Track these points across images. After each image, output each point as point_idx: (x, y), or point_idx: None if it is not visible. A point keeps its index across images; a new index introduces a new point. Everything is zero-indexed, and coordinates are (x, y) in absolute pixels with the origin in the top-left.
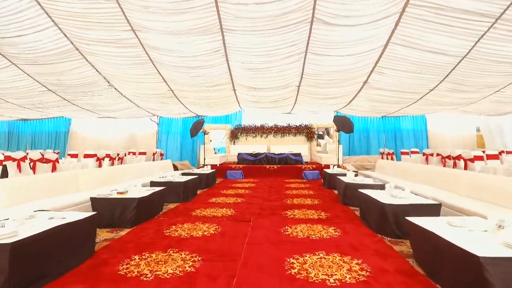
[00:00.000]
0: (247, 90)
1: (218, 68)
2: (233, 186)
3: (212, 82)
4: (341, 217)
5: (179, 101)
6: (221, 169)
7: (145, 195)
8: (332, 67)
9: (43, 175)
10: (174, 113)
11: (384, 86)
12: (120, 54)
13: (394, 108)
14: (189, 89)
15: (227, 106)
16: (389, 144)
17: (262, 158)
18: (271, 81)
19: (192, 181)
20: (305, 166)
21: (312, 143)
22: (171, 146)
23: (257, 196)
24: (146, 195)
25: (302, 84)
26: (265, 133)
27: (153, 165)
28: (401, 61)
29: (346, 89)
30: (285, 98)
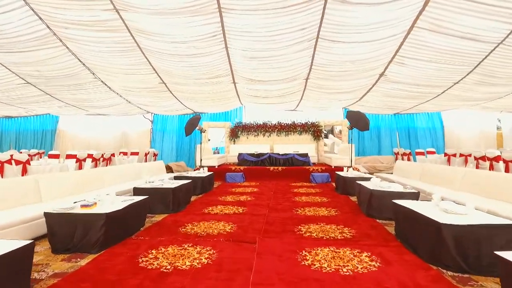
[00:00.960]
0: (249, 83)
1: (216, 57)
2: (233, 191)
3: (209, 73)
4: (372, 235)
5: (173, 96)
6: (219, 171)
7: (117, 208)
8: (346, 56)
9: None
10: (168, 109)
11: (402, 78)
12: (102, 40)
13: (410, 104)
14: (183, 82)
15: (227, 102)
16: (402, 144)
17: (265, 159)
18: (276, 72)
19: (185, 187)
20: (313, 168)
21: (319, 143)
22: (167, 146)
23: (261, 205)
24: (118, 208)
25: (311, 77)
26: (267, 131)
27: (141, 168)
28: (425, 49)
29: (359, 83)
30: (291, 93)
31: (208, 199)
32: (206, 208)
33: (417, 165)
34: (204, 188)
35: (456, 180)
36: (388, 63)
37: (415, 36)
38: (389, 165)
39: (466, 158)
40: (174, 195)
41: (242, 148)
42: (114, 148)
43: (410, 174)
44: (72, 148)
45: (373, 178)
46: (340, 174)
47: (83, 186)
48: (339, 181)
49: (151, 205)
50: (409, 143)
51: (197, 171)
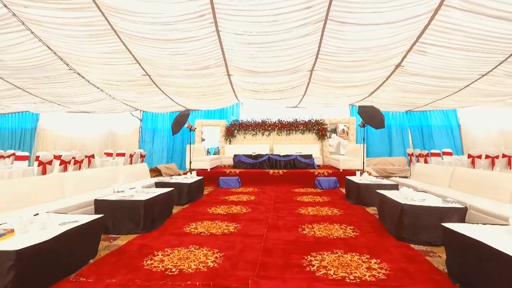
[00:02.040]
0: (245, 75)
1: (205, 43)
2: (225, 199)
3: (198, 63)
4: (411, 273)
5: (161, 90)
6: (212, 174)
7: (43, 239)
8: (359, 42)
9: None
10: (157, 106)
11: (422, 70)
12: (69, 21)
13: (425, 100)
14: (169, 73)
15: (221, 98)
16: (415, 144)
17: (264, 161)
18: (276, 62)
19: (163, 198)
20: (318, 172)
21: (324, 143)
22: (157, 146)
23: (259, 219)
24: (44, 239)
25: (317, 68)
26: (267, 130)
27: (117, 172)
28: (452, 33)
29: (372, 75)
30: (293, 87)
31: (194, 211)
32: (188, 225)
33: (445, 169)
34: (192, 196)
35: (508, 190)
36: (407, 51)
37: (442, 16)
38: (401, 167)
39: (493, 160)
40: (146, 209)
41: (239, 148)
42: (100, 148)
43: (435, 180)
44: (53, 148)
45: (403, 189)
46: (352, 179)
47: (26, 199)
48: (350, 188)
49: (116, 222)
50: (422, 143)
51: (184, 176)
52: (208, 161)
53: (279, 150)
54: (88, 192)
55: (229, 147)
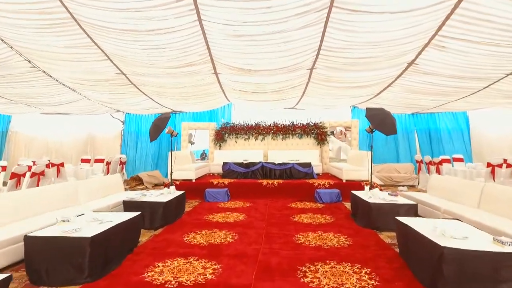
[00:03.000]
0: (234, 73)
1: (186, 35)
2: (209, 220)
3: (180, 59)
4: None
5: (140, 90)
6: (198, 185)
7: None
8: (369, 35)
9: None
10: (140, 108)
11: (438, 69)
12: (22, 9)
13: (437, 102)
14: (146, 71)
15: (210, 99)
16: (423, 149)
17: (257, 170)
18: (271, 59)
19: (122, 229)
20: (318, 183)
21: (324, 148)
22: (141, 151)
23: (246, 255)
24: None
25: (318, 66)
26: (261, 134)
27: (76, 188)
28: (479, 24)
29: (380, 74)
30: (291, 87)
31: (167, 241)
32: (151, 268)
33: (472, 184)
34: (168, 217)
35: None
36: (424, 46)
37: (469, 3)
38: (408, 175)
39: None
40: (95, 249)
41: (229, 154)
42: (78, 153)
43: (460, 197)
44: (27, 154)
45: (440, 223)
46: (359, 195)
47: None
48: (358, 206)
49: (51, 268)
50: (430, 147)
51: (160, 192)
52: (194, 170)
53: (274, 156)
54: (26, 220)
55: (219, 153)
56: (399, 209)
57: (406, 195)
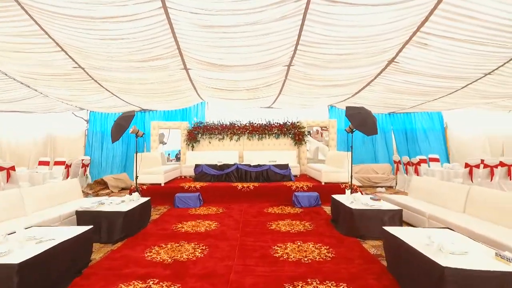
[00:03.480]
0: (206, 69)
1: (149, 24)
2: (178, 229)
3: (145, 52)
4: None
5: (102, 86)
6: (168, 190)
7: None
8: (351, 29)
9: None
10: (105, 105)
11: (419, 67)
12: None
13: (414, 101)
14: (107, 65)
15: (181, 96)
16: (400, 149)
17: (232, 173)
18: (246, 54)
19: (60, 252)
20: (296, 185)
21: (302, 148)
22: (108, 152)
23: (216, 274)
24: None
25: (296, 62)
26: (236, 134)
27: (22, 196)
28: (461, 21)
29: (360, 73)
30: (266, 85)
31: (125, 258)
32: None
33: (457, 187)
34: (130, 228)
35: None
36: (405, 44)
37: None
38: (385, 175)
39: (492, 170)
40: (24, 279)
41: (203, 156)
42: (37, 156)
43: (444, 200)
44: None
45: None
46: (340, 200)
47: None
48: (339, 211)
49: None
50: (407, 147)
51: (121, 199)
52: (162, 174)
53: (250, 157)
54: None
55: (192, 154)
56: (383, 216)
57: (387, 198)
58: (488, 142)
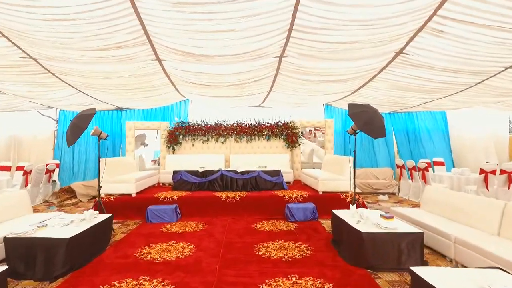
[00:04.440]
0: (183, 59)
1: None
2: (142, 257)
3: (104, 39)
4: None
5: (63, 81)
6: (140, 201)
7: None
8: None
9: None
10: (68, 103)
11: (431, 60)
12: None
13: (421, 99)
14: (61, 54)
15: (158, 93)
16: (401, 151)
17: (215, 180)
18: (227, 40)
19: None
20: (288, 195)
21: (295, 151)
22: (80, 156)
23: None
24: None
25: (288, 53)
26: (222, 135)
27: None
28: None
29: (363, 66)
30: (254, 80)
31: None
32: None
33: (487, 202)
34: (77, 257)
35: None
36: (418, 30)
37: None
38: (387, 181)
39: (510, 177)
40: None
41: (185, 160)
42: None
43: (469, 218)
44: None
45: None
46: (344, 219)
47: None
48: (342, 232)
49: None
50: (409, 150)
51: (70, 219)
52: (133, 183)
53: (238, 161)
54: None
55: (172, 158)
56: (400, 241)
57: (397, 213)
58: (492, 144)
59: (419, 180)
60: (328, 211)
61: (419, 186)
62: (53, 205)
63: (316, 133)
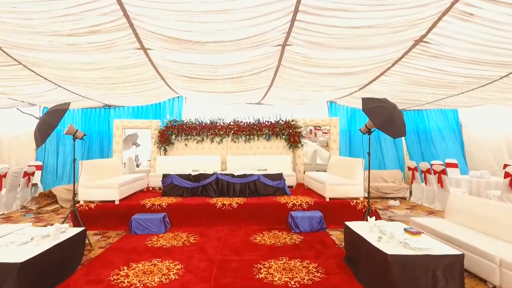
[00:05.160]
0: (169, 47)
1: None
2: (116, 282)
3: (76, 21)
4: None
5: (38, 74)
6: (125, 209)
7: None
8: None
9: None
10: (48, 100)
11: (455, 49)
12: None
13: (435, 96)
14: (28, 41)
15: (146, 88)
16: (412, 152)
17: (210, 185)
18: (222, 23)
19: None
20: (292, 201)
21: (297, 152)
22: (65, 157)
23: None
24: None
25: (293, 40)
26: (218, 134)
27: None
28: None
29: (377, 56)
30: (254, 73)
31: None
32: None
33: None
34: (35, 284)
35: None
36: (443, 13)
37: None
38: (397, 185)
39: None
40: None
41: (177, 162)
42: None
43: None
44: None
45: None
46: (362, 235)
47: None
48: (359, 251)
49: None
50: (420, 150)
51: (32, 234)
52: (116, 188)
53: (235, 163)
54: None
55: (164, 160)
56: (436, 266)
57: (417, 224)
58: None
59: (434, 184)
60: (336, 220)
61: (435, 191)
62: (30, 212)
63: (317, 132)
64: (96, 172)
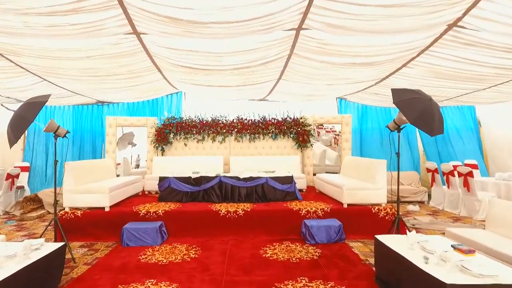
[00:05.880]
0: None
1: None
2: None
3: None
4: None
5: (18, 65)
6: (116, 217)
7: None
8: None
9: None
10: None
11: (493, 35)
12: None
13: (459, 90)
14: (2, 23)
15: (141, 82)
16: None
17: (212, 189)
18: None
19: None
20: (305, 208)
21: (306, 153)
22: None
23: None
24: None
25: (310, 22)
26: (220, 133)
27: None
28: None
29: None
30: (264, 62)
31: None
32: None
33: None
34: None
35: None
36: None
37: None
38: (414, 187)
39: None
40: None
41: (176, 163)
42: None
43: None
44: None
45: None
46: (403, 255)
47: None
48: (398, 275)
49: None
50: (437, 150)
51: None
52: (106, 193)
53: (239, 165)
54: None
55: (161, 161)
56: None
57: (455, 235)
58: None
59: (458, 188)
60: (356, 229)
61: (458, 195)
62: (13, 218)
63: (320, 131)
64: (85, 174)
